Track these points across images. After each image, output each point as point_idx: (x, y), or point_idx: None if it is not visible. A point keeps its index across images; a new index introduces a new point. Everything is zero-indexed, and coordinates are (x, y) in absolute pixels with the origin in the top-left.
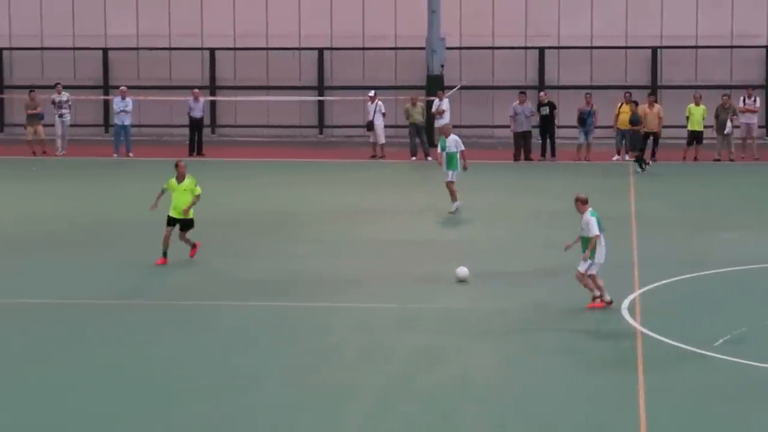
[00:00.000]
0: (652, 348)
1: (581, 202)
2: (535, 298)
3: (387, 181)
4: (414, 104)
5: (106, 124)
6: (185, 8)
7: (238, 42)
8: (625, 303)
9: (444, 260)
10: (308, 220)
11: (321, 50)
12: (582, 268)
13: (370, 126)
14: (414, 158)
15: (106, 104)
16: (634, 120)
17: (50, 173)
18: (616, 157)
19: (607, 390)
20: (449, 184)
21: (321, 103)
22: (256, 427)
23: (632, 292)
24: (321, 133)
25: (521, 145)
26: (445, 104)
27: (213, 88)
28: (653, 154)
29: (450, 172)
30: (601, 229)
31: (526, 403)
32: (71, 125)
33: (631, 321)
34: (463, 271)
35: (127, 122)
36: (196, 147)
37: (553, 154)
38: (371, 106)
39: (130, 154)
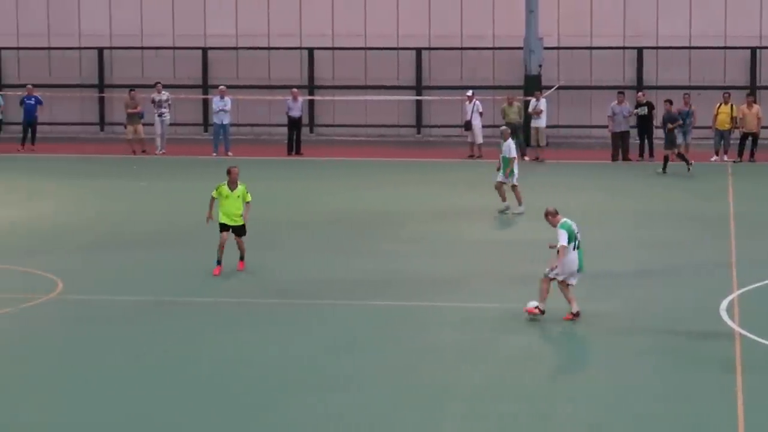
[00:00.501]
0: (750, 349)
1: (551, 215)
2: (632, 298)
3: (484, 181)
4: (511, 104)
5: (206, 123)
6: (284, 8)
7: (336, 42)
8: (724, 304)
9: (543, 260)
10: (407, 220)
11: (419, 50)
12: (546, 270)
13: (467, 126)
14: None
15: (206, 103)
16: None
17: (150, 172)
18: (714, 158)
19: (704, 390)
20: (499, 185)
21: (419, 103)
22: (356, 426)
23: (731, 294)
24: (419, 132)
25: (619, 145)
26: (543, 104)
27: (311, 87)
28: (752, 155)
29: (501, 174)
30: (571, 240)
31: (622, 403)
32: (171, 124)
33: (729, 322)
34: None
35: (226, 121)
36: (294, 146)
37: (651, 155)
38: (469, 106)
39: (229, 153)
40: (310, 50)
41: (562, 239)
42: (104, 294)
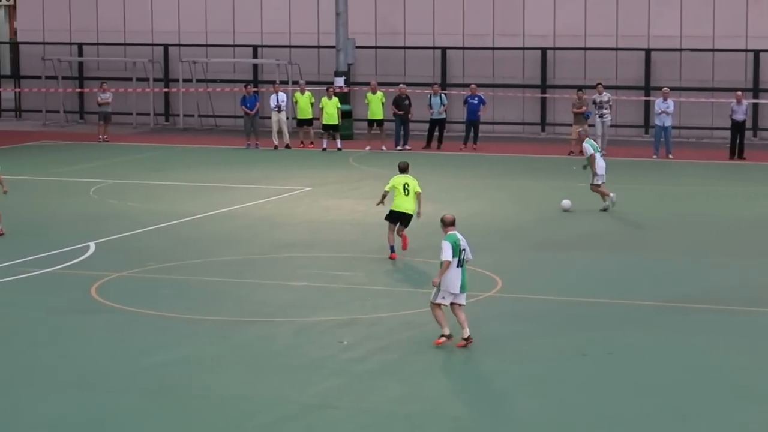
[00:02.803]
0: None
1: (443, 224)
2: None
3: None
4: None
5: (646, 125)
6: (729, 10)
7: None
8: None
9: None
10: None
11: None
12: (432, 296)
13: None
14: None
15: (647, 105)
16: None
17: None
18: None
19: None
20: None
21: None
22: None
23: None
24: None
25: None
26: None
27: (756, 90)
28: None
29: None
30: (455, 255)
31: None
32: (611, 125)
33: None
34: (566, 203)
35: (668, 123)
36: (737, 150)
37: None
38: None
39: (670, 156)
40: (755, 53)
41: (445, 253)
42: (541, 293)
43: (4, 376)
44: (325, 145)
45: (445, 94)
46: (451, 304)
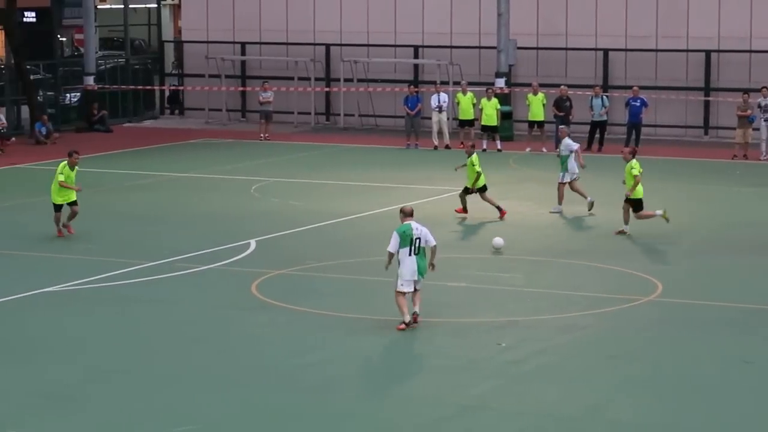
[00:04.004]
0: None
1: (402, 214)
2: None
3: None
4: None
5: None
6: None
7: None
8: None
9: None
10: None
11: None
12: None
13: None
14: None
15: None
16: None
17: (753, 177)
18: None
19: None
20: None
21: None
22: None
23: None
24: None
25: None
26: None
27: None
28: None
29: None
30: (404, 245)
31: None
32: None
33: None
34: (498, 242)
35: None
36: None
37: None
38: None
39: None
40: None
41: (390, 245)
42: (702, 299)
43: (165, 372)
44: (484, 146)
45: (606, 96)
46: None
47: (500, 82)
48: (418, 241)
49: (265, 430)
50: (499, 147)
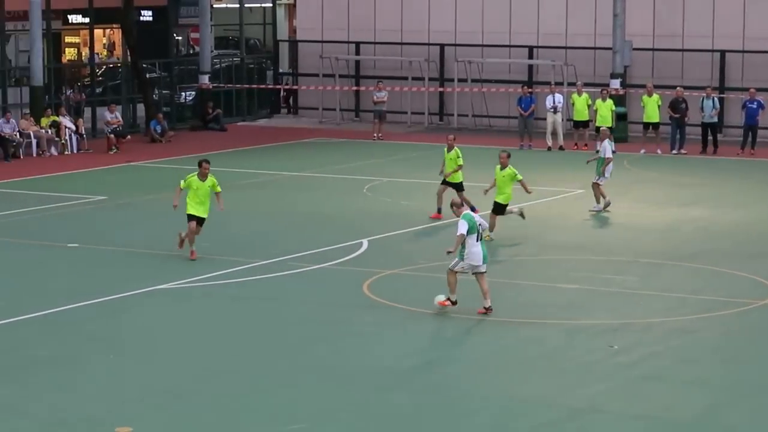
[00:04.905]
0: None
1: (456, 206)
2: None
3: None
4: None
5: None
6: None
7: None
8: None
9: None
10: None
11: None
12: (451, 264)
13: None
14: None
15: None
16: None
17: None
18: None
19: None
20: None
21: None
22: None
23: None
24: None
25: None
26: None
27: None
28: None
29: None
30: (472, 231)
31: None
32: None
33: None
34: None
35: None
36: None
37: None
38: None
39: None
40: None
41: (461, 228)
42: None
43: (275, 371)
44: (598, 148)
45: (718, 97)
46: (475, 273)
47: (615, 83)
48: (480, 227)
49: (379, 429)
50: (613, 149)
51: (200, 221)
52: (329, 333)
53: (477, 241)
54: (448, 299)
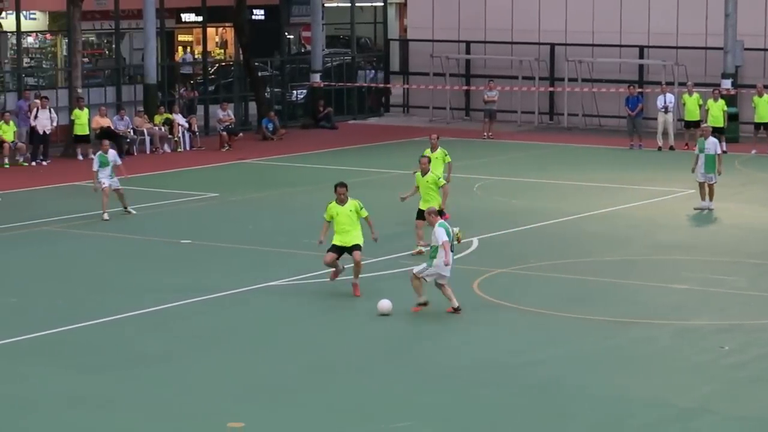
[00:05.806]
0: None
1: (432, 215)
2: None
3: None
4: None
5: None
6: None
7: None
8: None
9: None
10: None
11: None
12: (416, 270)
13: None
14: None
15: None
16: None
17: None
18: None
19: None
20: (703, 185)
21: None
22: None
23: None
24: None
25: None
26: None
27: None
28: None
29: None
30: (451, 239)
31: None
32: None
33: None
34: (384, 305)
35: None
36: None
37: None
38: None
39: None
40: None
41: (442, 235)
42: None
43: (384, 369)
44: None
45: None
46: (438, 282)
47: (726, 84)
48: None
49: (486, 427)
50: (724, 149)
51: (346, 251)
52: (438, 331)
53: (450, 250)
54: (419, 305)
